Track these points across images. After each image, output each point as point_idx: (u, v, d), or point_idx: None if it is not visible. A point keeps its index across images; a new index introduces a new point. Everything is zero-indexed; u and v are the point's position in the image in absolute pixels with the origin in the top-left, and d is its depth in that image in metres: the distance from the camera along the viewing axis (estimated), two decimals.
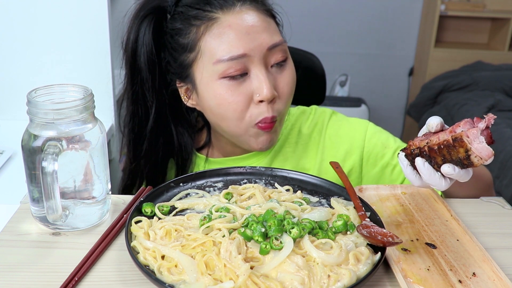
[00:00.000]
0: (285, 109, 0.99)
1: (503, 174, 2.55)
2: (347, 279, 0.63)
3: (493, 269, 0.71)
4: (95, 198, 0.79)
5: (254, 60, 0.93)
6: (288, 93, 0.98)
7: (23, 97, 0.73)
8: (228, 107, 0.94)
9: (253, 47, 0.92)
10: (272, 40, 0.95)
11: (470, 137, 0.68)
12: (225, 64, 0.92)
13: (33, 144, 0.73)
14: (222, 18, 0.93)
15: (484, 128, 0.68)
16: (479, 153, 0.67)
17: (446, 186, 0.75)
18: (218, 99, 0.95)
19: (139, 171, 1.09)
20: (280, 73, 0.97)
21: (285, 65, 0.98)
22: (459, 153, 0.69)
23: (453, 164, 0.70)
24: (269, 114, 0.95)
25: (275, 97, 0.95)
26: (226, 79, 0.93)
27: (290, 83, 0.98)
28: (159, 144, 1.06)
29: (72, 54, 1.37)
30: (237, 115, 0.95)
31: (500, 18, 3.55)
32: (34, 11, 1.33)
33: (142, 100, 1.02)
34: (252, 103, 0.94)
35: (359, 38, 3.68)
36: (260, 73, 0.93)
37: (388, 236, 0.70)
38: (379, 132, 1.09)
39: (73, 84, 0.78)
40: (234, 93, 0.93)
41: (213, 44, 0.93)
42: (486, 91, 3.25)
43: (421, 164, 0.74)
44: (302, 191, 0.86)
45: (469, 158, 0.68)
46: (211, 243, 0.68)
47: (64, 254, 0.73)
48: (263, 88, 0.93)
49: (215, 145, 1.11)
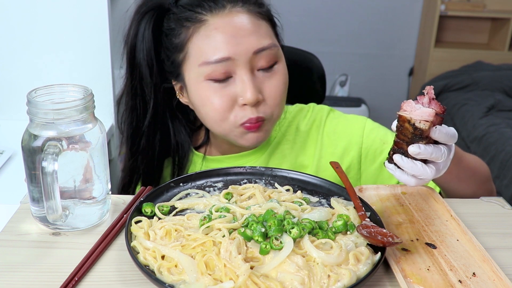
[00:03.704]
0: (274, 111, 0.98)
1: (503, 174, 2.56)
2: (347, 279, 0.63)
3: (493, 269, 0.71)
4: (95, 198, 0.79)
5: (239, 64, 0.93)
6: (275, 96, 0.97)
7: (23, 97, 0.73)
8: (211, 108, 0.95)
9: (238, 51, 0.92)
10: (259, 44, 0.94)
11: (407, 109, 0.72)
12: (210, 66, 0.93)
13: (33, 144, 0.73)
14: (210, 20, 0.94)
15: (429, 101, 0.72)
16: (421, 118, 0.71)
17: (433, 173, 0.75)
18: (202, 100, 0.96)
19: (136, 168, 1.09)
20: (267, 77, 0.96)
21: (273, 69, 0.97)
22: (408, 128, 0.72)
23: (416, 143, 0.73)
24: (253, 115, 0.95)
25: (260, 101, 0.95)
26: (211, 81, 0.94)
27: (278, 86, 0.97)
28: (156, 141, 1.07)
29: (72, 54, 1.38)
30: (219, 116, 0.95)
31: (500, 18, 3.55)
32: (34, 11, 1.33)
33: (140, 95, 1.03)
34: (237, 105, 0.95)
35: (359, 38, 3.68)
36: (245, 76, 0.93)
37: (388, 236, 0.70)
38: (377, 128, 1.09)
39: (73, 84, 0.78)
40: (218, 95, 0.94)
41: (199, 46, 0.94)
42: (486, 91, 3.25)
43: (399, 159, 0.75)
44: (302, 191, 0.86)
45: (417, 127, 0.71)
46: (211, 243, 0.68)
47: (64, 254, 0.73)
48: (246, 91, 0.93)
49: (213, 143, 1.12)
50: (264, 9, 1.00)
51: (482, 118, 2.94)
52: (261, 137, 0.99)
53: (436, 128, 0.72)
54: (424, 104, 0.72)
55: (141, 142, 1.06)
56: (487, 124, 2.87)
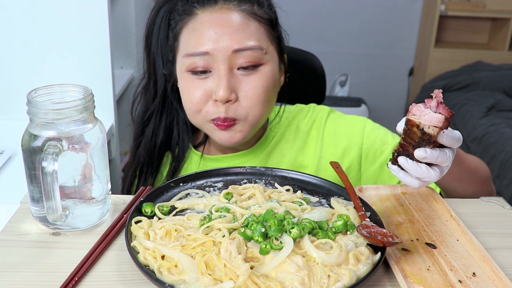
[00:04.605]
0: (250, 112, 0.97)
1: (503, 174, 2.56)
2: (347, 279, 0.63)
3: (493, 269, 0.71)
4: (95, 198, 0.79)
5: (217, 60, 0.95)
6: (252, 97, 0.97)
7: (23, 97, 0.73)
8: (188, 99, 0.99)
9: (218, 47, 0.94)
10: (240, 44, 0.94)
11: (416, 114, 0.71)
12: (191, 59, 0.96)
13: (33, 144, 0.73)
14: (200, 14, 0.98)
15: (437, 104, 0.71)
16: (430, 123, 0.70)
17: (437, 175, 0.75)
18: (183, 90, 1.01)
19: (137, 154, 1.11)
20: (246, 76, 0.97)
21: (255, 69, 0.97)
22: (416, 133, 0.72)
23: (422, 147, 0.72)
24: (221, 114, 0.96)
25: (232, 100, 0.96)
26: (190, 73, 0.98)
27: (256, 88, 0.97)
28: (160, 130, 1.10)
29: (72, 54, 1.37)
30: (194, 107, 0.99)
31: (500, 18, 3.55)
32: (34, 11, 1.33)
33: (153, 78, 1.08)
34: (211, 100, 0.97)
35: (359, 38, 3.68)
36: (222, 73, 0.95)
37: (388, 236, 0.70)
38: (378, 128, 1.09)
39: (73, 84, 0.78)
40: (195, 87, 0.97)
41: (186, 38, 0.99)
42: (486, 91, 3.25)
43: (404, 162, 0.75)
44: (302, 191, 0.86)
45: (425, 132, 0.71)
46: (211, 243, 0.68)
47: (64, 254, 0.73)
48: (220, 88, 0.94)
49: (212, 142, 1.12)
50: (264, 11, 1.00)
51: (482, 118, 2.94)
52: (235, 138, 0.99)
53: (443, 133, 0.71)
54: (432, 107, 0.71)
55: (147, 128, 1.10)
56: (487, 124, 2.87)
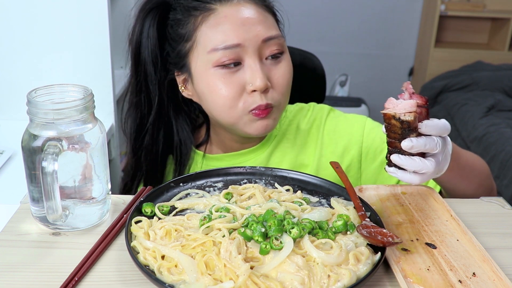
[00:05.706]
0: (281, 99, 1.00)
1: (503, 174, 2.56)
2: (347, 279, 0.63)
3: (493, 269, 0.71)
4: (95, 198, 0.79)
5: (248, 51, 0.95)
6: (283, 84, 0.99)
7: (23, 97, 0.73)
8: (219, 95, 0.96)
9: (248, 38, 0.94)
10: (268, 33, 0.96)
11: (389, 107, 0.74)
12: (219, 53, 0.94)
13: (33, 144, 0.73)
14: (219, 9, 0.96)
15: (410, 96, 0.74)
16: (404, 110, 0.72)
17: (432, 165, 0.76)
18: (211, 87, 0.97)
19: (139, 165, 1.10)
20: (275, 65, 0.99)
21: (280, 58, 0.99)
22: (396, 124, 0.73)
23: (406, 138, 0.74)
24: (263, 102, 0.96)
25: (269, 88, 0.97)
26: (219, 68, 0.95)
27: (285, 74, 0.99)
28: (160, 137, 1.08)
29: (72, 54, 1.37)
30: (228, 103, 0.96)
31: (500, 18, 3.55)
32: (34, 11, 1.33)
33: (145, 91, 1.05)
34: (245, 92, 0.96)
35: (359, 38, 3.68)
36: (254, 63, 0.95)
37: (388, 236, 0.70)
38: (377, 127, 1.09)
39: (73, 84, 0.78)
40: (226, 82, 0.95)
41: (208, 34, 0.96)
42: (486, 91, 3.25)
43: (397, 158, 0.76)
44: (302, 191, 0.86)
45: (403, 120, 0.72)
46: (211, 243, 0.68)
47: (64, 254, 0.73)
48: (256, 78, 0.94)
49: (214, 141, 1.12)
50: (268, 3, 1.02)
51: (482, 118, 2.93)
52: (270, 125, 1.00)
53: (423, 123, 0.74)
54: (406, 99, 0.74)
55: (145, 139, 1.08)
56: (487, 124, 2.87)
